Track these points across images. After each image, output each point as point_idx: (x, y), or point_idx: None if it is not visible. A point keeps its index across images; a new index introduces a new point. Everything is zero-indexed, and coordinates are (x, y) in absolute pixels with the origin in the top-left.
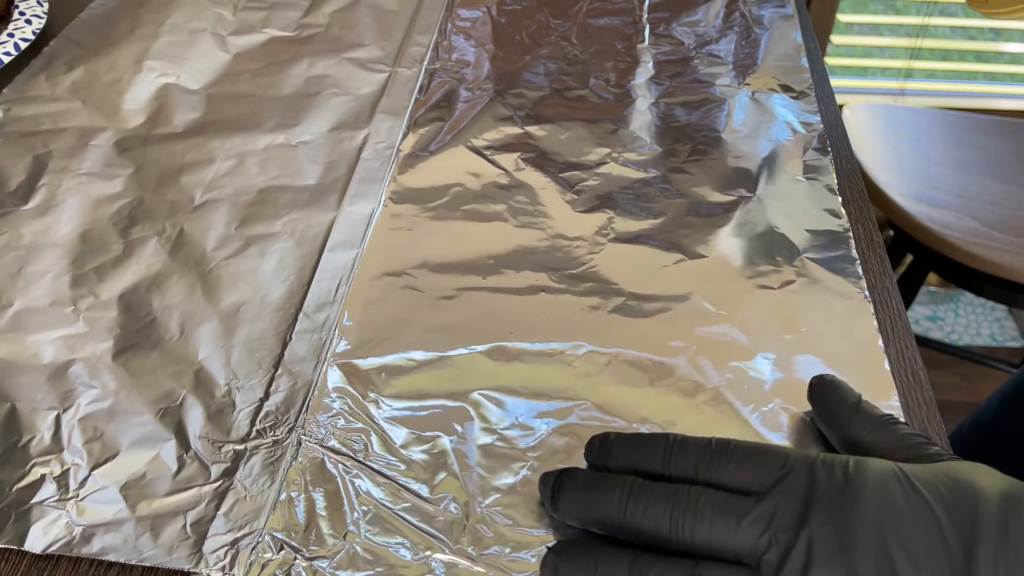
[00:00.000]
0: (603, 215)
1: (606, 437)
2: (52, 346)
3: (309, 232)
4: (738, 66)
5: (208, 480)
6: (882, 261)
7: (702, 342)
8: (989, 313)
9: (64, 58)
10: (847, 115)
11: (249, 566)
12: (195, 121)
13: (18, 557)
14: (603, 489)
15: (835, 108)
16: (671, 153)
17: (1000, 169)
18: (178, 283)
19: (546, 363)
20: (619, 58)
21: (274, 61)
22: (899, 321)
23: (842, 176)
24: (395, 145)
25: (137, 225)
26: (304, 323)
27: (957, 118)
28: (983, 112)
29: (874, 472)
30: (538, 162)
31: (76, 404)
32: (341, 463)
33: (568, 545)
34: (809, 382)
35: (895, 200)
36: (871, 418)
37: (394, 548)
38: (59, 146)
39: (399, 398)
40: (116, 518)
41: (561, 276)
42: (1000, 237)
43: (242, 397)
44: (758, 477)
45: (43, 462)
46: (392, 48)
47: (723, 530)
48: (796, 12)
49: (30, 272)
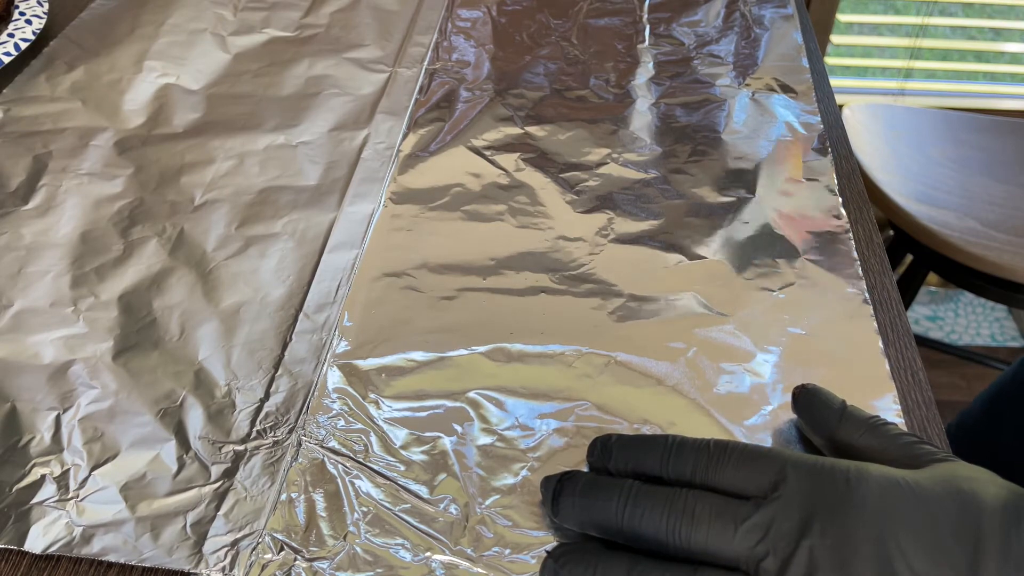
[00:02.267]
0: (603, 216)
1: (608, 439)
2: (52, 346)
3: (309, 232)
4: (738, 66)
5: (208, 481)
6: (882, 261)
7: (702, 343)
8: (989, 313)
9: (64, 58)
10: (847, 115)
11: (249, 567)
12: (195, 121)
13: (18, 557)
14: (602, 494)
15: (835, 108)
16: (671, 154)
17: (1000, 169)
18: (178, 283)
19: (546, 364)
20: (619, 58)
21: (274, 61)
22: (899, 321)
23: (842, 176)
24: (395, 145)
25: (137, 225)
26: (304, 324)
27: (957, 118)
28: (983, 112)
29: (876, 481)
30: (538, 162)
31: (76, 404)
32: (341, 464)
33: (567, 550)
34: (792, 393)
35: (895, 200)
36: (859, 421)
37: (394, 549)
38: (59, 146)
39: (399, 399)
40: (116, 518)
41: (561, 277)
42: (1000, 237)
43: (242, 398)
44: (756, 480)
45: (43, 462)
46: (392, 48)
47: (720, 536)
48: (796, 12)
49: (30, 272)
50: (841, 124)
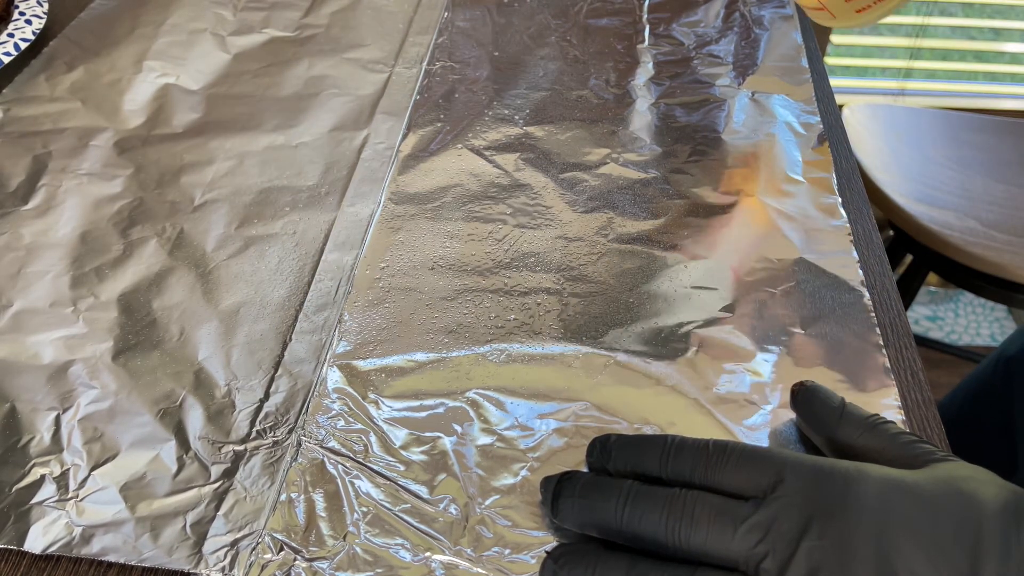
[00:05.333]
0: (603, 216)
1: (607, 439)
2: (52, 346)
3: (309, 233)
4: (738, 66)
5: (208, 481)
6: (882, 261)
7: (702, 343)
8: (989, 313)
9: (64, 58)
10: (847, 115)
11: (249, 567)
12: (195, 121)
13: (18, 557)
14: (601, 494)
15: (835, 108)
16: (671, 154)
17: (1000, 169)
18: (178, 284)
19: (546, 364)
20: (619, 58)
21: (274, 61)
22: (899, 321)
23: (842, 176)
24: (395, 146)
25: (137, 225)
26: (304, 324)
27: (957, 118)
28: (983, 112)
29: (875, 481)
30: (538, 162)
31: (76, 404)
32: (341, 464)
33: (566, 550)
34: (791, 390)
35: (895, 200)
36: (859, 420)
37: (394, 549)
38: (59, 146)
39: (399, 399)
40: (116, 519)
41: (561, 277)
42: (1000, 237)
43: (242, 398)
44: (756, 481)
45: (43, 462)
46: (392, 48)
47: (719, 537)
48: (796, 12)
49: (30, 272)
50: (841, 124)
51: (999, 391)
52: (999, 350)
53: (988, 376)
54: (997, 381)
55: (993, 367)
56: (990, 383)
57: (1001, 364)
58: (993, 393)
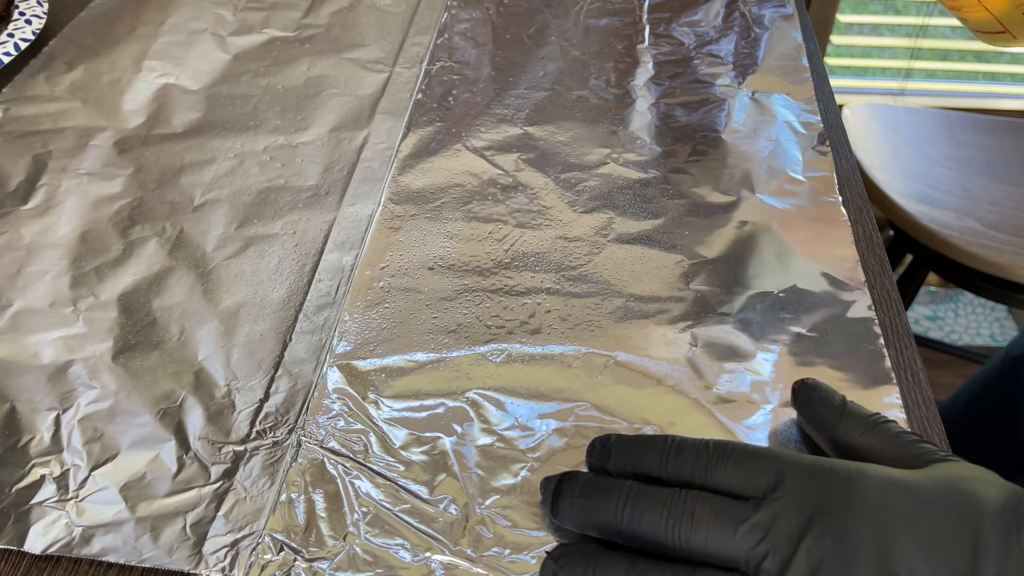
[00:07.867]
0: (603, 216)
1: (607, 440)
2: (52, 346)
3: (309, 233)
4: (738, 66)
5: (208, 481)
6: (882, 261)
7: (702, 343)
8: (989, 313)
9: (64, 58)
10: (847, 115)
11: (249, 567)
12: (195, 121)
13: (18, 558)
14: (601, 494)
15: (835, 108)
16: (671, 154)
17: (1000, 169)
18: (178, 284)
19: (546, 364)
20: (619, 58)
21: (274, 61)
22: (899, 321)
23: (842, 176)
24: (395, 146)
25: (137, 225)
26: (304, 324)
27: (957, 118)
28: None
29: (876, 481)
30: (538, 162)
31: (76, 404)
32: (341, 464)
33: (566, 551)
34: (792, 387)
35: (895, 200)
36: (860, 419)
37: (394, 549)
38: (59, 146)
39: (399, 399)
40: (116, 519)
41: (561, 277)
42: (1000, 237)
43: (242, 398)
44: (756, 481)
45: (43, 463)
46: (392, 48)
47: (719, 537)
48: (796, 12)
49: (30, 272)
50: (841, 124)
51: (1005, 392)
52: (1005, 351)
53: (994, 377)
54: (1003, 382)
55: (999, 368)
56: (996, 384)
57: (1007, 365)
58: (999, 394)
